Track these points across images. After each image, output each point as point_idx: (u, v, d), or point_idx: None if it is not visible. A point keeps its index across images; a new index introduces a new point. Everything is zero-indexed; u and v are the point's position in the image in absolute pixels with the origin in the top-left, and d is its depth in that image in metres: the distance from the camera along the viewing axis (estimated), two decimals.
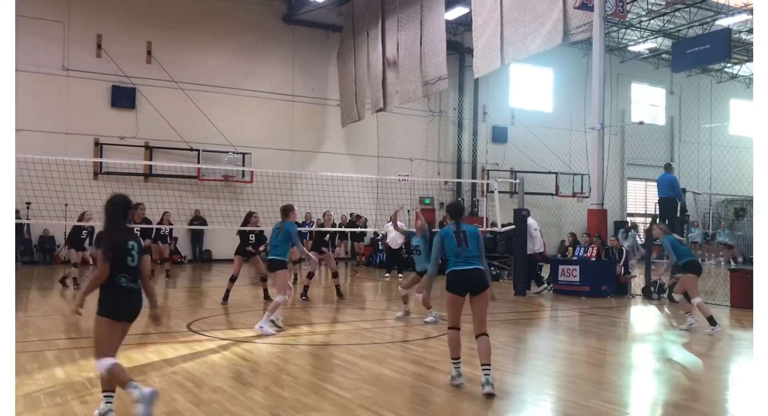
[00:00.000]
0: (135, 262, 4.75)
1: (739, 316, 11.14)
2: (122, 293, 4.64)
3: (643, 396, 6.10)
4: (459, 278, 5.90)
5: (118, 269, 4.65)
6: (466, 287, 5.90)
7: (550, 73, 29.83)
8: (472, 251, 5.96)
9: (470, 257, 5.93)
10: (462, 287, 5.89)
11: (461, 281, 5.90)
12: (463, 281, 5.90)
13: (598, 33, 14.95)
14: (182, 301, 11.11)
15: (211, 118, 22.76)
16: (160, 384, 5.82)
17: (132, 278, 4.70)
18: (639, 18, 25.81)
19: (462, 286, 5.90)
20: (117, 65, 21.69)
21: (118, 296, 4.64)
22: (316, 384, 5.94)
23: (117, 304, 4.64)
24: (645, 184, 31.63)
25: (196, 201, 21.43)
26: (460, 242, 5.95)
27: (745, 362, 7.94)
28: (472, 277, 5.89)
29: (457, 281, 5.91)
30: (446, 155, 27.96)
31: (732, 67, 32.78)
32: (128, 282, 4.67)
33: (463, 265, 5.90)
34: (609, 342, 8.69)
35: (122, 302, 4.65)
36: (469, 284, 5.89)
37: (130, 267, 4.70)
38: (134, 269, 4.74)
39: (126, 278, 4.66)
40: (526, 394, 5.97)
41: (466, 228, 6.09)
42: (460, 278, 5.89)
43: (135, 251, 4.75)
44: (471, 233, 6.06)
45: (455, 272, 5.90)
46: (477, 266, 5.92)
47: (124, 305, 4.67)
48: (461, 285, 5.89)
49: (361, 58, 23.45)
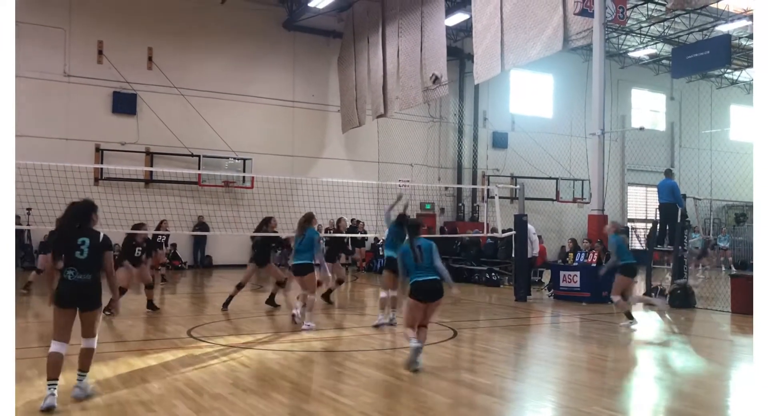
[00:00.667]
0: (84, 256, 5.45)
1: (740, 322, 11.11)
2: (66, 284, 5.39)
3: (645, 402, 6.08)
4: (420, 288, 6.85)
5: (67, 263, 5.42)
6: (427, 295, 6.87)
7: (550, 79, 29.87)
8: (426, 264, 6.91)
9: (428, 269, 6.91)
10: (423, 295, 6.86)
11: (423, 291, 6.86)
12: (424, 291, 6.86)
13: (598, 39, 14.98)
14: (183, 307, 11.09)
15: (211, 124, 22.79)
16: (160, 391, 5.80)
17: (80, 270, 5.40)
18: (639, 24, 25.84)
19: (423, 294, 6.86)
20: (118, 71, 21.73)
21: (62, 286, 5.40)
22: (316, 391, 5.92)
23: (60, 294, 5.39)
24: (645, 189, 31.61)
25: (197, 207, 21.45)
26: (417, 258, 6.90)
27: (745, 368, 7.93)
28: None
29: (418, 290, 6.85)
30: (447, 160, 27.97)
31: (732, 73, 32.82)
32: (74, 275, 5.39)
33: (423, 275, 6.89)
34: (610, 349, 8.68)
35: (64, 292, 5.38)
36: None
37: (78, 260, 5.43)
38: (83, 262, 5.45)
39: (73, 271, 5.39)
40: (526, 401, 5.95)
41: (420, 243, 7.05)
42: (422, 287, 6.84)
43: (85, 247, 5.46)
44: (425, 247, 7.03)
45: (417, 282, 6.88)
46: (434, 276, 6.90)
47: (65, 295, 5.38)
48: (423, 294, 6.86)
49: (361, 65, 23.49)
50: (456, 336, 9.17)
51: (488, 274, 17.37)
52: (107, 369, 6.71)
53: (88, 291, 5.46)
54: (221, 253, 22.92)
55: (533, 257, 14.94)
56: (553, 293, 14.43)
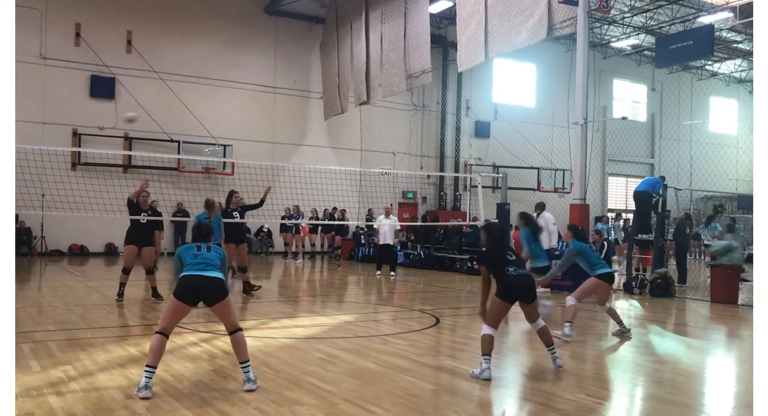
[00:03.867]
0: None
1: (719, 311, 11.23)
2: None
3: (626, 389, 6.11)
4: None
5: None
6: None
7: (533, 68, 29.89)
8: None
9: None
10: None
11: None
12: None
13: (582, 28, 14.95)
14: (163, 294, 10.95)
15: (191, 109, 22.52)
16: (139, 377, 5.71)
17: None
18: (622, 14, 25.92)
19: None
20: (96, 54, 21.36)
21: None
22: (298, 378, 5.86)
23: None
24: (626, 180, 31.90)
25: (176, 193, 21.21)
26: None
27: (725, 355, 8.01)
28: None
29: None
30: (429, 149, 27.93)
31: (713, 65, 33.10)
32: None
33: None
34: (592, 337, 8.70)
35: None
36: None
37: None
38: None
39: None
40: (508, 387, 5.94)
41: None
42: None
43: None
44: None
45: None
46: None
47: None
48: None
49: (344, 51, 23.30)
50: (438, 324, 9.15)
51: (470, 263, 17.38)
52: (85, 355, 6.60)
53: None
54: None
55: (551, 248, 13.89)
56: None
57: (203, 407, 4.92)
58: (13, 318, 3.97)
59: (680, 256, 15.23)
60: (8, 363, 3.51)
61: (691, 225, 15.97)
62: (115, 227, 17.56)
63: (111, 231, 20.23)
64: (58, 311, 9.56)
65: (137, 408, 4.83)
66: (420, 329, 8.61)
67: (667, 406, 5.37)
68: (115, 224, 15.93)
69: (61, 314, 9.27)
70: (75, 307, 9.92)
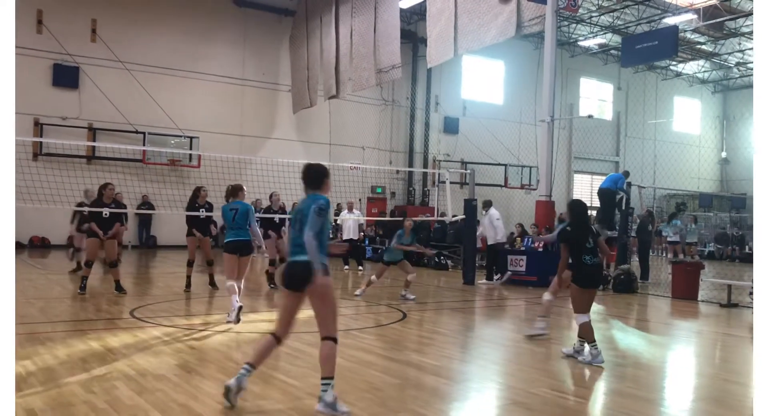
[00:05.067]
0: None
1: (680, 307, 11.46)
2: None
3: (588, 383, 6.20)
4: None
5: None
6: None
7: (501, 65, 30.08)
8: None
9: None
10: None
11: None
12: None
13: (550, 26, 15.11)
14: (126, 287, 10.79)
15: (157, 100, 22.18)
16: (101, 372, 5.62)
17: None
18: (590, 13, 26.24)
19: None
20: (59, 43, 20.89)
21: None
22: (263, 372, 5.82)
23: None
24: (591, 177, 32.31)
25: (141, 185, 20.89)
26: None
27: (685, 350, 8.18)
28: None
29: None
30: (398, 144, 27.95)
31: (677, 66, 33.70)
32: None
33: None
34: (555, 331, 8.81)
35: None
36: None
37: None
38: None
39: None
40: (473, 381, 5.98)
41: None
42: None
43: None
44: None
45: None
46: None
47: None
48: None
49: (314, 44, 23.16)
50: (405, 318, 9.18)
51: (437, 258, 17.46)
52: (44, 349, 6.47)
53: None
54: (166, 233, 22.42)
55: (498, 242, 14.46)
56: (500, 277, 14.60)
57: (166, 402, 4.86)
58: (13, 318, 3.85)
59: (643, 253, 15.50)
60: (8, 363, 3.42)
61: (653, 222, 16.28)
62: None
63: None
64: (18, 304, 9.30)
65: (98, 403, 4.75)
66: (387, 323, 8.63)
67: (628, 400, 5.46)
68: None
69: (20, 307, 9.05)
70: (35, 300, 9.71)
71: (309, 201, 4.91)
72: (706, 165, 35.79)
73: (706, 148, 36.30)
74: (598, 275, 6.90)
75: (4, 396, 3.27)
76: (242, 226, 8.58)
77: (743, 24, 26.58)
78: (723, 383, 6.23)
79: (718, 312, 11.04)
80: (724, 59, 32.67)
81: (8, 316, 3.47)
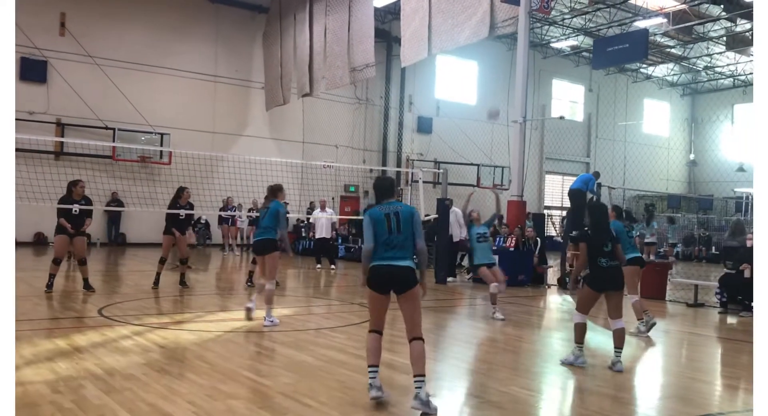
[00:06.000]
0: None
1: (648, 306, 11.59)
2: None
3: (559, 382, 6.26)
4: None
5: None
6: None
7: (474, 66, 30.24)
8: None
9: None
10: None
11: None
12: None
13: (523, 28, 15.23)
14: (95, 285, 10.63)
15: (128, 95, 21.88)
16: (68, 372, 5.52)
17: None
18: (562, 15, 26.50)
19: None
20: (26, 36, 20.46)
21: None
22: (234, 371, 5.78)
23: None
24: (562, 178, 32.65)
25: (111, 182, 20.58)
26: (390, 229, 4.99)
27: (652, 349, 8.30)
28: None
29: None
30: (372, 143, 27.94)
31: (647, 68, 34.20)
32: None
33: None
34: (525, 330, 8.89)
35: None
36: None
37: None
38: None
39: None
40: (445, 380, 6.01)
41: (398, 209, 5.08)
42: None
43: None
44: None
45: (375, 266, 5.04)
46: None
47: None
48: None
49: (287, 42, 23.04)
50: None
51: None
52: None
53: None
54: (136, 231, 22.14)
55: (461, 239, 15.04)
56: (472, 277, 14.69)
57: (135, 401, 4.79)
58: (12, 318, 3.75)
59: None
60: (8, 363, 3.34)
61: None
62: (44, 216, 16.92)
63: (40, 220, 19.48)
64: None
65: (64, 403, 4.67)
66: (359, 322, 8.62)
67: (597, 398, 5.53)
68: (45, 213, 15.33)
69: None
70: None
71: (406, 207, 5.00)
72: (675, 167, 36.38)
73: (675, 150, 36.91)
74: (613, 280, 6.62)
75: (3, 395, 3.20)
76: (268, 226, 8.58)
77: (711, 29, 27.07)
78: (689, 381, 6.34)
79: (685, 312, 11.23)
80: (692, 63, 33.24)
81: (8, 318, 3.37)
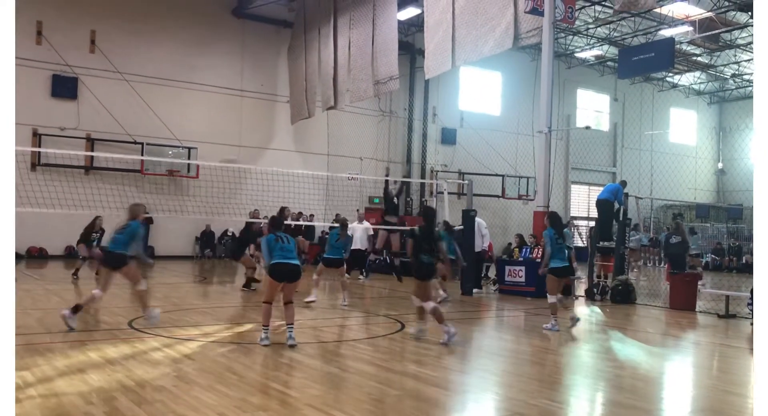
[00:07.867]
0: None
1: (678, 317, 11.47)
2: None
3: (586, 394, 6.20)
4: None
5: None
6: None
7: (498, 76, 30.22)
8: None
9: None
10: None
11: None
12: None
13: (547, 38, 15.20)
14: (124, 298, 10.78)
15: (156, 111, 22.25)
16: (100, 383, 5.61)
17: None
18: (586, 25, 26.40)
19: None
20: (58, 53, 20.97)
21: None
22: (262, 383, 5.83)
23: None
24: (588, 188, 32.40)
25: (139, 196, 20.86)
26: None
27: (682, 361, 8.19)
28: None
29: None
30: (396, 154, 28.02)
31: (673, 77, 33.87)
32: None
33: None
34: (553, 342, 8.82)
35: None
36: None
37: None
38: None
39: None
40: (472, 392, 5.99)
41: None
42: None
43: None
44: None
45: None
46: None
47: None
48: None
49: (312, 56, 23.27)
50: (403, 329, 9.17)
51: None
52: (43, 360, 6.46)
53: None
54: (164, 244, 22.41)
55: (483, 250, 15.02)
56: (498, 288, 14.63)
57: (166, 413, 4.85)
58: (12, 321, 3.86)
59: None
60: (8, 364, 3.42)
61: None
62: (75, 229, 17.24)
63: (71, 234, 19.79)
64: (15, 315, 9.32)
65: (97, 414, 4.74)
66: (385, 334, 8.63)
67: (626, 411, 5.47)
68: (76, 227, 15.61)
69: (18, 318, 9.03)
70: (33, 311, 9.70)
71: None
72: (703, 176, 35.91)
73: (703, 159, 36.45)
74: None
75: (4, 398, 3.26)
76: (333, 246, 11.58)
77: (738, 36, 26.76)
78: (721, 394, 6.24)
79: (716, 323, 11.05)
80: (719, 71, 32.86)
81: (8, 326, 3.46)
